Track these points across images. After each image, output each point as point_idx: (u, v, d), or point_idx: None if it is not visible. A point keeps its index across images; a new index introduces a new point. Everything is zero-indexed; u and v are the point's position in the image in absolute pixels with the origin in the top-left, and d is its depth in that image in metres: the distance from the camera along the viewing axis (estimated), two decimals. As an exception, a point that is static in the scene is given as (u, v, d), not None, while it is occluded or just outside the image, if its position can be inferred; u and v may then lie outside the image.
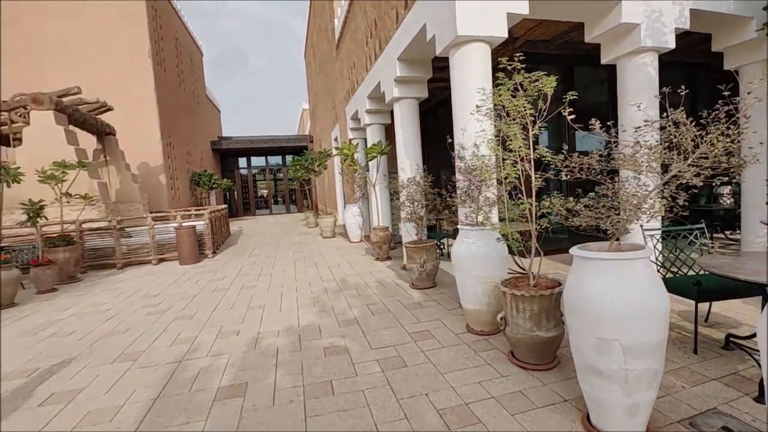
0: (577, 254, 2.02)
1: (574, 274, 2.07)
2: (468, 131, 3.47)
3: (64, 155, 8.45)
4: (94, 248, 8.20)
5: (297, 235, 12.80)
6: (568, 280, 2.14)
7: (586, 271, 1.97)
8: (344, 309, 4.40)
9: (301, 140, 25.72)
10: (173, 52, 17.97)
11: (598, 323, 1.91)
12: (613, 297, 1.88)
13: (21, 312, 5.13)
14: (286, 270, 6.96)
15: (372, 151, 7.16)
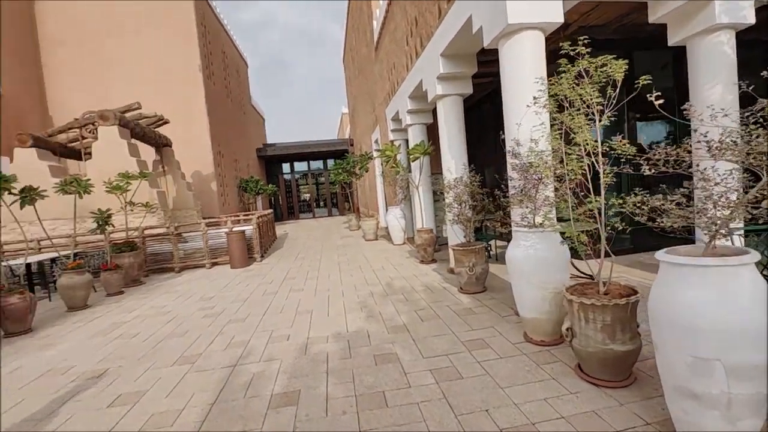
0: (667, 260, 1.77)
1: (662, 282, 1.82)
2: (524, 126, 3.24)
3: (127, 167, 9.08)
4: (155, 253, 8.73)
5: (340, 238, 12.93)
6: (654, 288, 1.89)
7: (678, 278, 1.72)
8: (392, 314, 4.30)
9: (342, 144, 26.09)
10: (221, 66, 18.91)
11: (695, 340, 1.65)
12: (713, 309, 1.62)
13: (93, 314, 5.52)
14: (331, 274, 7.00)
15: (415, 151, 7.03)
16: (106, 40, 14.93)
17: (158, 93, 14.96)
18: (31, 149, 9.17)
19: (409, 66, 7.88)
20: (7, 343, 4.44)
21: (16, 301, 4.62)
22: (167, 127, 13.15)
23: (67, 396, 2.96)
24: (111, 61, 14.99)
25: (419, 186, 7.71)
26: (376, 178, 15.40)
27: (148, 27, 15.15)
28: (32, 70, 14.30)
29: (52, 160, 9.69)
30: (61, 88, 14.83)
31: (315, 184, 29.11)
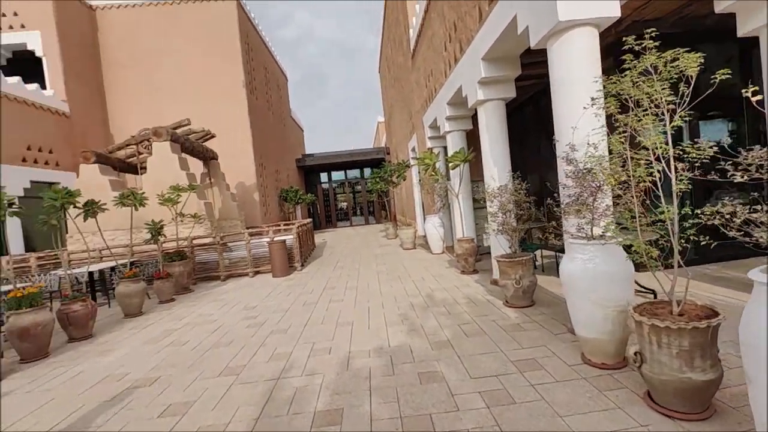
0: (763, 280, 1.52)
1: (758, 305, 1.57)
2: (580, 129, 3.02)
3: (178, 180, 9.60)
4: (203, 262, 9.11)
5: (378, 246, 12.90)
6: (748, 311, 1.63)
7: (783, 304, 1.47)
8: (435, 329, 4.15)
9: (378, 152, 26.25)
10: (263, 81, 19.70)
11: (808, 377, 1.39)
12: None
13: (146, 320, 5.80)
14: (370, 284, 6.94)
15: (454, 159, 6.86)
16: (161, 63, 16.03)
17: (206, 109, 15.81)
18: (94, 165, 9.93)
19: (447, 72, 7.76)
20: (70, 348, 4.74)
21: (79, 308, 4.93)
22: (213, 141, 13.84)
23: (121, 404, 3.07)
24: (164, 81, 16.06)
25: (459, 194, 7.52)
26: (413, 186, 15.30)
27: (197, 49, 16.10)
28: (96, 92, 15.60)
29: (112, 175, 10.43)
30: (120, 107, 16.05)
31: (352, 192, 29.47)
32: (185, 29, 16.10)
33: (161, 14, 16.12)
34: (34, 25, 13.67)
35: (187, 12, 16.18)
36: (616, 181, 2.48)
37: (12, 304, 4.23)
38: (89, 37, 15.50)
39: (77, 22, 14.88)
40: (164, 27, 16.08)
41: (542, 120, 8.73)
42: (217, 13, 16.25)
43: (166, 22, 16.10)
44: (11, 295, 4.27)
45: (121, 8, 16.02)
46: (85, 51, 15.13)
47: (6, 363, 4.30)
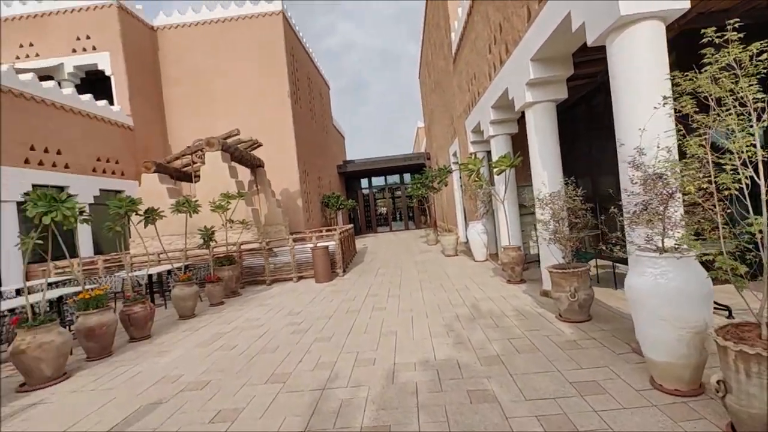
0: None
1: None
2: (648, 131, 2.76)
3: (228, 187, 10.04)
4: (250, 266, 9.44)
5: (419, 252, 12.75)
6: None
7: None
8: (482, 342, 3.96)
9: (418, 158, 26.14)
10: (306, 90, 20.31)
11: None
12: None
13: (198, 323, 6.06)
14: (413, 292, 6.83)
15: (500, 163, 6.61)
16: (213, 78, 17.00)
17: (254, 119, 16.53)
18: (154, 174, 10.65)
19: (492, 75, 7.53)
20: (131, 348, 5.04)
21: (139, 310, 5.25)
22: (260, 149, 14.41)
23: (175, 407, 3.18)
24: (216, 94, 17.01)
25: (504, 200, 7.23)
26: (454, 191, 15.03)
27: (245, 62, 16.92)
28: (156, 107, 16.82)
29: (170, 183, 11.14)
30: (177, 120, 17.18)
31: (391, 198, 29.54)
32: (235, 45, 16.98)
33: (213, 32, 17.12)
34: (104, 46, 15.01)
35: (237, 28, 17.06)
36: (696, 188, 2.22)
37: (81, 305, 4.58)
38: (151, 55, 16.77)
39: (141, 42, 16.16)
40: (216, 44, 17.05)
41: (594, 121, 8.24)
42: (264, 28, 16.99)
43: (217, 39, 17.07)
44: (80, 296, 4.62)
45: (178, 28, 17.20)
46: (147, 69, 16.38)
47: (73, 360, 4.65)
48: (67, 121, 12.22)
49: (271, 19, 17.03)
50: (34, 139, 11.01)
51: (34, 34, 15.17)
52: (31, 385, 3.83)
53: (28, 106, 11.01)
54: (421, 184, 13.87)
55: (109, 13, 15.03)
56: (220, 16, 17.07)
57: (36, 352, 3.76)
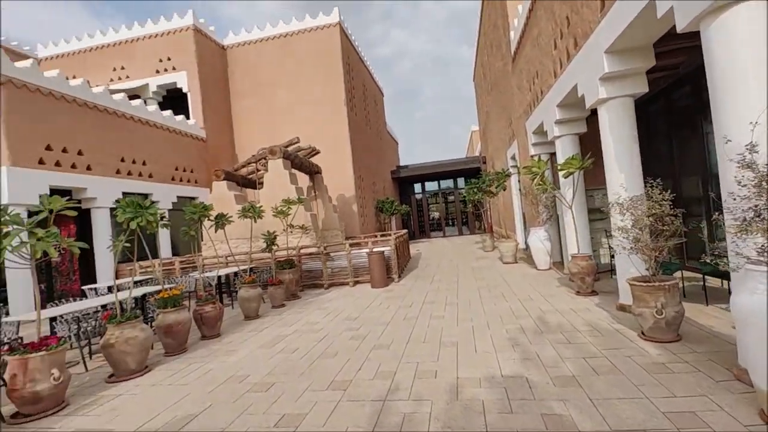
0: None
1: None
2: (762, 125, 2.36)
3: (289, 193, 10.46)
4: (308, 270, 9.73)
5: (474, 259, 12.34)
6: None
7: None
8: (554, 359, 3.65)
9: (472, 162, 25.50)
10: (361, 97, 20.71)
11: None
12: None
13: (262, 324, 6.32)
14: (471, 300, 6.57)
15: (569, 166, 6.16)
16: (275, 90, 17.96)
17: (311, 127, 17.17)
18: (223, 182, 11.41)
19: (557, 72, 7.08)
20: (202, 346, 5.37)
21: (210, 310, 5.59)
22: (318, 156, 14.91)
23: (242, 407, 3.29)
24: (278, 104, 17.93)
25: (573, 205, 6.73)
26: (512, 196, 14.38)
27: (305, 73, 17.67)
28: (225, 119, 18.10)
29: (237, 190, 11.87)
30: (244, 131, 18.35)
31: (444, 202, 29.10)
32: (295, 57, 17.81)
33: (275, 46, 18.10)
34: (182, 66, 16.48)
35: (297, 41, 17.89)
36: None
37: (160, 303, 4.97)
38: (221, 72, 18.13)
39: (213, 60, 17.54)
40: (278, 57, 18.01)
41: (674, 117, 7.42)
42: (323, 40, 17.63)
43: (279, 53, 18.02)
44: (160, 295, 5.01)
45: (245, 45, 18.43)
46: (218, 84, 17.72)
47: (153, 354, 5.05)
48: (151, 135, 13.55)
49: (328, 31, 17.64)
50: (124, 151, 12.34)
51: (125, 58, 17.08)
52: (118, 377, 4.21)
53: (120, 122, 12.36)
54: (477, 189, 13.43)
55: (186, 35, 16.49)
56: (282, 31, 18.01)
57: (123, 346, 4.12)
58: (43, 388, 3.35)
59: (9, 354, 3.34)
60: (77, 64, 17.32)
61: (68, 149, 10.48)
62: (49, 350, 3.41)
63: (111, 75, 17.12)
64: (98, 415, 3.39)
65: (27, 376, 3.30)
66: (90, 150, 11.11)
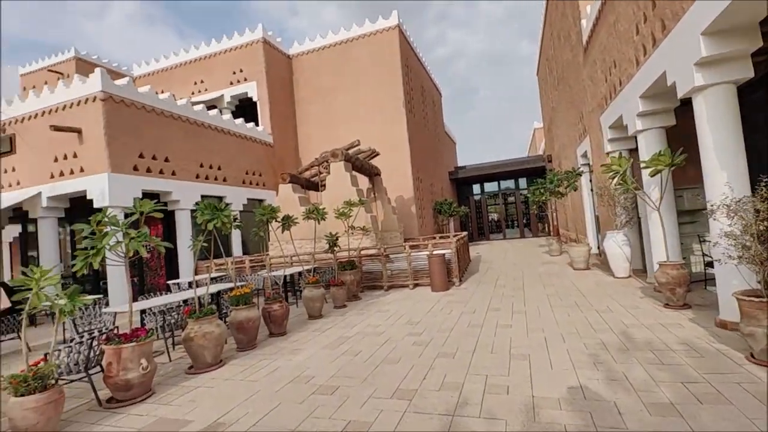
0: None
1: None
2: None
3: (350, 195, 10.65)
4: (368, 272, 9.81)
5: (540, 264, 11.61)
6: None
7: None
8: (646, 383, 3.23)
9: (535, 161, 24.18)
10: (419, 99, 20.58)
11: None
12: None
13: (325, 324, 6.45)
14: (541, 308, 6.13)
15: (657, 162, 5.50)
16: (337, 94, 18.48)
17: (371, 129, 17.39)
18: (288, 185, 11.94)
19: (639, 59, 6.39)
20: (270, 343, 5.60)
21: (277, 308, 5.82)
22: (377, 158, 15.04)
23: (309, 409, 3.33)
24: (339, 108, 18.43)
25: (660, 206, 6.01)
26: (583, 196, 13.32)
27: (364, 76, 17.96)
28: (290, 125, 19.00)
29: (301, 193, 12.35)
30: (307, 135, 19.12)
31: (504, 204, 27.91)
32: (355, 62, 18.18)
33: (337, 53, 18.62)
34: (252, 77, 17.60)
35: (357, 46, 18.25)
36: None
37: (233, 301, 5.26)
38: (287, 80, 19.07)
39: (279, 70, 18.50)
40: (339, 63, 18.51)
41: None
42: (382, 43, 17.79)
43: (340, 59, 18.51)
44: (233, 293, 5.31)
45: (309, 53, 19.20)
46: (284, 92, 18.66)
47: (227, 349, 5.35)
48: (225, 142, 14.61)
49: (387, 34, 17.76)
50: (202, 157, 13.43)
51: (204, 73, 18.65)
52: (196, 369, 4.51)
53: (200, 131, 13.48)
54: (544, 189, 12.63)
55: (256, 48, 17.58)
56: (344, 37, 18.49)
57: (201, 340, 4.41)
58: (134, 377, 3.68)
59: (106, 343, 3.71)
60: (165, 80, 19.26)
61: (157, 156, 11.63)
62: (138, 341, 3.74)
63: (192, 88, 18.77)
64: (179, 405, 3.64)
65: (120, 365, 3.65)
66: (175, 157, 12.24)
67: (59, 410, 3.14)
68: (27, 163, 11.18)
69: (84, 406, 3.83)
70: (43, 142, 10.85)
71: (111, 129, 10.30)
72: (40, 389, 3.02)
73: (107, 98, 10.33)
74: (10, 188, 11.53)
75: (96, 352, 3.84)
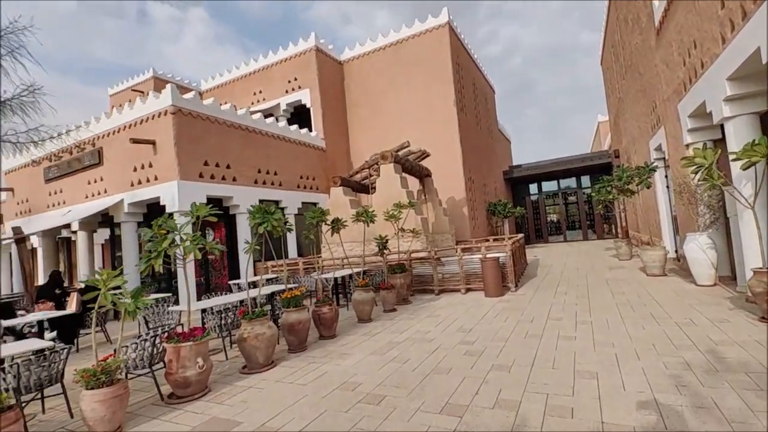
0: None
1: None
2: None
3: (400, 197, 10.54)
4: (419, 275, 9.62)
5: (608, 269, 10.63)
6: None
7: None
8: (742, 413, 2.73)
9: (599, 157, 22.41)
10: (471, 96, 19.98)
11: None
12: None
13: (374, 328, 6.38)
14: (610, 320, 5.54)
15: (752, 154, 4.73)
16: (386, 96, 18.53)
17: (421, 130, 17.19)
18: (339, 188, 12.12)
19: (726, 36, 5.58)
20: (320, 345, 5.63)
21: (327, 311, 5.85)
22: (428, 159, 14.80)
23: (354, 419, 3.24)
24: (388, 110, 18.45)
25: (755, 204, 5.17)
26: (657, 194, 12.02)
27: (414, 76, 17.81)
28: (342, 129, 19.38)
29: (351, 195, 12.49)
30: (358, 138, 19.38)
31: (565, 203, 26.15)
32: (405, 63, 18.10)
33: (387, 55, 18.68)
34: (306, 84, 18.22)
35: (407, 48, 18.16)
36: None
37: (284, 303, 5.37)
38: (339, 85, 19.50)
39: (331, 76, 18.97)
40: (389, 65, 18.54)
41: None
42: (432, 42, 17.53)
43: (390, 61, 18.54)
44: (284, 296, 5.41)
45: (360, 58, 19.48)
46: (335, 97, 19.10)
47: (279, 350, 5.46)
48: (280, 148, 15.24)
49: (437, 32, 17.47)
50: (260, 163, 14.10)
51: (262, 83, 19.67)
52: (249, 369, 4.64)
53: (257, 138, 14.18)
54: (612, 187, 11.58)
55: (310, 56, 18.18)
56: (393, 39, 18.51)
57: (253, 341, 4.52)
58: (191, 374, 3.85)
59: (167, 342, 3.92)
60: (228, 92, 20.61)
61: (219, 164, 12.39)
62: (195, 341, 3.91)
63: (252, 99, 19.87)
64: (231, 405, 3.73)
65: (179, 363, 3.83)
66: (235, 163, 12.97)
67: (124, 404, 3.35)
68: (112, 174, 12.47)
69: (149, 399, 4.09)
70: (125, 154, 12.02)
71: (180, 139, 11.14)
72: (107, 383, 3.24)
73: (176, 111, 11.19)
74: (99, 196, 12.95)
75: (159, 349, 4.08)
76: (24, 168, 15.45)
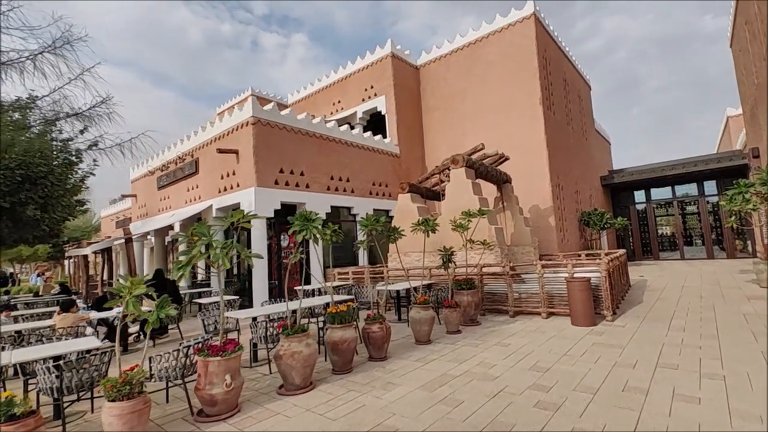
0: None
1: None
2: None
3: (471, 205, 9.58)
4: (491, 292, 8.53)
5: (745, 299, 8.29)
6: None
7: None
8: None
9: (731, 158, 18.39)
10: (561, 93, 17.92)
11: None
12: None
13: (431, 353, 5.59)
14: (752, 373, 4.01)
15: None
16: (463, 98, 17.54)
17: (501, 131, 15.84)
18: (407, 194, 11.55)
19: None
20: (367, 368, 5.03)
21: (377, 330, 5.26)
22: (507, 163, 13.48)
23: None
24: (465, 112, 17.42)
25: None
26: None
27: (494, 76, 16.55)
28: (417, 134, 18.87)
29: (420, 202, 11.83)
30: (433, 143, 18.67)
31: (682, 214, 22.01)
32: (484, 62, 16.93)
33: (465, 55, 17.71)
34: (381, 91, 18.13)
35: (487, 46, 16.98)
36: None
37: (329, 318, 4.92)
38: (414, 90, 19.07)
39: (407, 81, 18.63)
40: (466, 66, 17.54)
41: None
42: (515, 36, 16.13)
43: (468, 62, 17.53)
44: (330, 310, 4.97)
45: (436, 61, 18.82)
46: (411, 102, 18.69)
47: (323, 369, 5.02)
48: (353, 155, 15.26)
49: (522, 26, 16.01)
50: (333, 170, 14.25)
51: (340, 93, 20.17)
52: (286, 389, 4.25)
53: (331, 146, 14.37)
54: (750, 194, 9.13)
55: (385, 63, 18.08)
56: (473, 38, 17.49)
57: (289, 359, 4.13)
58: (217, 392, 3.56)
59: (197, 354, 3.71)
60: (311, 103, 21.58)
61: (294, 171, 12.75)
62: (224, 356, 3.62)
63: (331, 108, 20.48)
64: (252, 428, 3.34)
65: (207, 378, 3.57)
66: (308, 170, 13.24)
67: (143, 419, 3.16)
68: (205, 181, 13.64)
69: (181, 413, 3.92)
70: (214, 163, 13.04)
71: (258, 148, 11.67)
72: (128, 396, 3.07)
73: (256, 122, 11.76)
74: (194, 202, 14.26)
75: (192, 360, 3.90)
76: (144, 177, 17.88)
